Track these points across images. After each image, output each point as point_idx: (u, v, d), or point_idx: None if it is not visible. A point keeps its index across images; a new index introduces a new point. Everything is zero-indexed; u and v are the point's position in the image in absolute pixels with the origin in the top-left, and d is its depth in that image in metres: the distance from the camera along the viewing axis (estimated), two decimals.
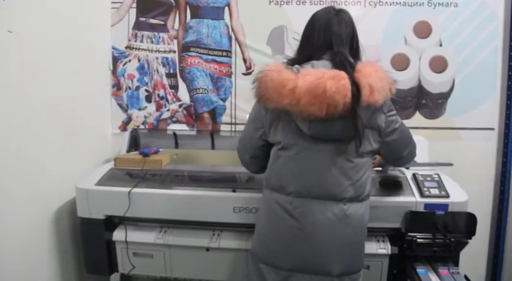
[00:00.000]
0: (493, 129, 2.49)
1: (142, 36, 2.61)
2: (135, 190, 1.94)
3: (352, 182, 1.47)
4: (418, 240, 1.79)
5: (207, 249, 1.95)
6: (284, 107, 1.38)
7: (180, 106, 2.64)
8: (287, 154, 1.49)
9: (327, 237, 1.46)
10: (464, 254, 1.89)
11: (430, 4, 2.45)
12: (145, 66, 2.63)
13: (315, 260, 1.47)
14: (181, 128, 2.64)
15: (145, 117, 2.67)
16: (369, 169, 1.53)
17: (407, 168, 2.04)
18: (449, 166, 2.09)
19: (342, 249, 1.47)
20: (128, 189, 1.94)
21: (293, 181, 1.48)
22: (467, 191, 1.88)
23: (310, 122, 1.40)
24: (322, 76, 1.34)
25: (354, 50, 1.52)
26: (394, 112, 1.55)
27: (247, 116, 1.62)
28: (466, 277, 1.77)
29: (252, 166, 1.66)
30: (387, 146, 1.56)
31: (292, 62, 1.49)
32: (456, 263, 1.86)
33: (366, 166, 1.51)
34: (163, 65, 2.63)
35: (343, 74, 1.36)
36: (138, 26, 2.62)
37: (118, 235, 1.99)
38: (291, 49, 2.49)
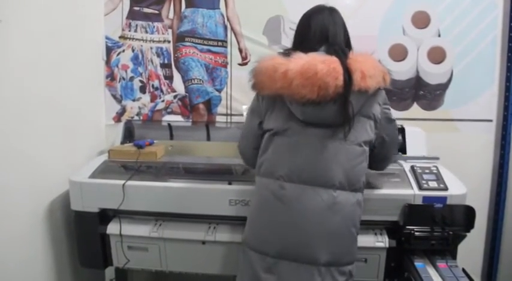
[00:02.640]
0: (491, 121, 2.47)
1: (137, 25, 2.57)
2: (130, 182, 1.91)
3: (344, 169, 1.46)
4: (416, 233, 1.77)
5: (203, 242, 1.93)
6: (277, 92, 1.41)
7: (175, 97, 2.61)
8: (279, 139, 1.50)
9: (314, 224, 1.45)
10: (460, 247, 1.87)
11: None
12: (140, 56, 2.59)
13: (302, 248, 1.46)
14: (176, 119, 2.61)
15: (139, 108, 2.64)
16: (365, 160, 1.52)
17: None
18: (449, 158, 2.07)
19: (329, 237, 1.46)
20: (122, 181, 1.91)
21: (284, 165, 1.48)
22: (464, 183, 1.86)
23: (302, 105, 1.41)
24: (313, 59, 1.37)
25: (346, 43, 1.57)
26: (389, 106, 1.59)
27: (243, 107, 1.61)
28: (464, 270, 1.75)
29: (254, 158, 1.62)
30: (381, 142, 1.58)
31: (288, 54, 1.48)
32: (454, 257, 1.85)
33: (362, 156, 1.50)
34: (158, 55, 2.59)
35: (334, 58, 1.39)
36: (132, 15, 2.57)
37: (112, 228, 1.97)
38: (287, 39, 2.46)
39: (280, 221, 1.47)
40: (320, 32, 1.51)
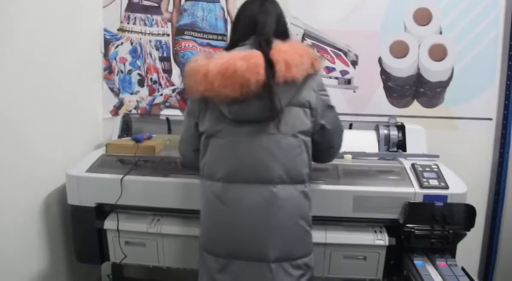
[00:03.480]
0: (491, 119, 2.46)
1: (135, 18, 2.53)
2: (128, 177, 1.89)
3: (282, 163, 1.43)
4: (416, 232, 1.76)
5: None
6: (203, 94, 1.41)
7: (173, 91, 2.58)
8: (214, 141, 1.48)
9: (258, 221, 1.43)
10: (458, 245, 1.88)
11: None
12: (138, 49, 2.56)
13: (250, 246, 1.44)
14: (174, 113, 2.59)
15: (137, 101, 2.61)
16: (305, 150, 1.49)
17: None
18: (449, 156, 2.06)
19: (275, 233, 1.44)
20: (120, 176, 1.89)
21: (222, 166, 1.46)
22: (463, 181, 1.85)
23: (228, 105, 1.40)
24: (232, 58, 1.36)
25: (280, 34, 1.52)
26: (326, 92, 1.55)
27: None
28: (463, 269, 1.75)
29: (196, 160, 1.60)
30: (322, 131, 1.54)
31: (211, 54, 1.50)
32: (453, 255, 1.85)
33: (300, 148, 1.47)
34: (157, 49, 2.56)
35: (255, 52, 1.37)
36: (131, 7, 2.54)
37: (109, 223, 1.95)
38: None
39: (225, 222, 1.46)
40: (248, 23, 1.51)
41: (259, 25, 1.48)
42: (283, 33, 1.54)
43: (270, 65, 1.35)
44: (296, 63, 1.37)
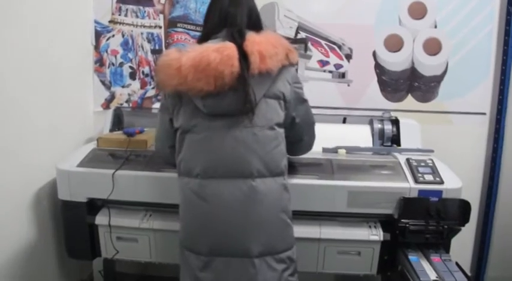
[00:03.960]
0: (484, 114, 2.46)
1: (127, 10, 2.49)
2: (119, 171, 1.87)
3: (259, 156, 1.41)
4: (411, 227, 1.76)
5: None
6: (176, 89, 1.38)
7: None
8: (189, 137, 1.46)
9: (239, 217, 1.41)
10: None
11: None
12: (130, 41, 2.52)
13: (231, 242, 1.43)
14: None
15: (129, 95, 2.58)
16: (282, 142, 1.49)
17: None
18: (441, 150, 2.05)
19: (257, 228, 1.42)
20: (111, 171, 1.86)
21: (199, 162, 1.44)
22: (457, 176, 1.85)
23: (202, 98, 1.38)
24: (205, 50, 1.34)
25: (252, 25, 1.50)
26: (301, 85, 1.55)
27: None
28: (457, 264, 1.75)
29: (172, 156, 1.57)
30: (292, 123, 1.53)
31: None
32: (447, 250, 1.85)
33: (277, 140, 1.46)
34: (149, 41, 2.53)
35: (229, 44, 1.35)
36: None
37: (101, 218, 1.93)
38: (281, 26, 2.42)
39: (205, 219, 1.44)
40: (219, 16, 1.48)
41: (230, 17, 1.46)
42: (256, 25, 1.52)
43: (244, 56, 1.34)
44: (271, 55, 1.36)
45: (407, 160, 1.91)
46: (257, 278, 1.41)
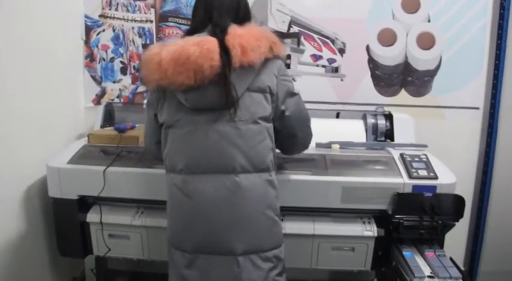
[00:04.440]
0: (478, 108, 2.46)
1: (117, 4, 2.46)
2: (111, 168, 1.85)
3: (243, 151, 1.39)
4: (405, 222, 1.76)
5: None
6: (159, 83, 1.37)
7: None
8: (173, 132, 1.44)
9: (223, 213, 1.39)
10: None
11: None
12: (121, 36, 2.49)
13: (215, 240, 1.41)
14: None
15: (120, 90, 2.55)
16: (268, 136, 1.44)
17: None
18: (434, 145, 2.05)
19: (241, 225, 1.40)
20: (102, 167, 1.85)
21: (182, 157, 1.42)
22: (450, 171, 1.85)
23: (184, 92, 1.37)
24: (185, 44, 1.33)
25: (241, 19, 1.47)
26: (288, 77, 1.51)
27: None
28: (451, 259, 1.75)
29: (159, 152, 1.56)
30: (282, 117, 1.49)
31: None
32: (441, 246, 1.85)
33: (261, 134, 1.42)
34: (140, 36, 2.49)
35: (210, 38, 1.35)
36: None
37: (92, 216, 1.91)
38: (274, 21, 2.39)
39: (190, 216, 1.42)
40: (204, 11, 1.46)
41: (215, 12, 1.44)
42: (244, 18, 1.49)
43: (225, 51, 1.32)
44: (253, 47, 1.33)
45: (401, 155, 1.90)
46: (241, 276, 1.39)
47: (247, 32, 1.36)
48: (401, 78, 2.46)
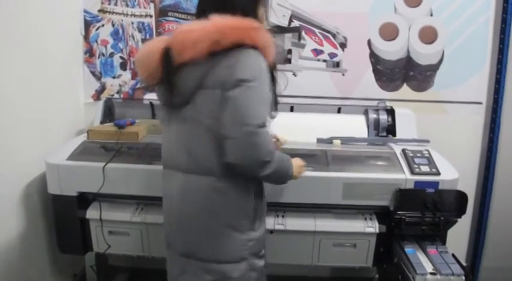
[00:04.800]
0: (480, 103, 2.44)
1: None
2: (110, 164, 1.84)
3: (186, 149, 1.35)
4: (407, 219, 1.75)
5: None
6: (145, 82, 1.45)
7: None
8: (161, 127, 1.49)
9: (174, 210, 1.42)
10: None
11: None
12: (120, 31, 2.47)
13: (170, 235, 1.46)
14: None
15: (120, 86, 2.53)
16: (215, 138, 1.30)
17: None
18: (436, 140, 2.04)
19: (180, 225, 1.40)
20: (102, 164, 1.84)
21: (163, 152, 1.48)
22: (452, 166, 1.84)
23: (158, 90, 1.43)
24: (149, 44, 1.39)
25: (234, 10, 1.31)
26: (248, 67, 1.27)
27: None
28: (454, 256, 1.73)
29: None
30: (223, 107, 1.26)
31: None
32: (443, 242, 1.85)
33: (208, 134, 1.31)
34: (139, 31, 2.47)
35: (164, 37, 1.38)
36: None
37: (92, 212, 1.91)
38: (275, 15, 2.37)
39: (164, 209, 1.48)
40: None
41: (199, 4, 1.44)
42: (244, 7, 1.34)
43: (167, 50, 1.29)
44: (190, 44, 1.24)
45: (403, 150, 1.89)
46: (178, 279, 1.43)
47: (201, 26, 1.25)
48: (403, 73, 2.44)
